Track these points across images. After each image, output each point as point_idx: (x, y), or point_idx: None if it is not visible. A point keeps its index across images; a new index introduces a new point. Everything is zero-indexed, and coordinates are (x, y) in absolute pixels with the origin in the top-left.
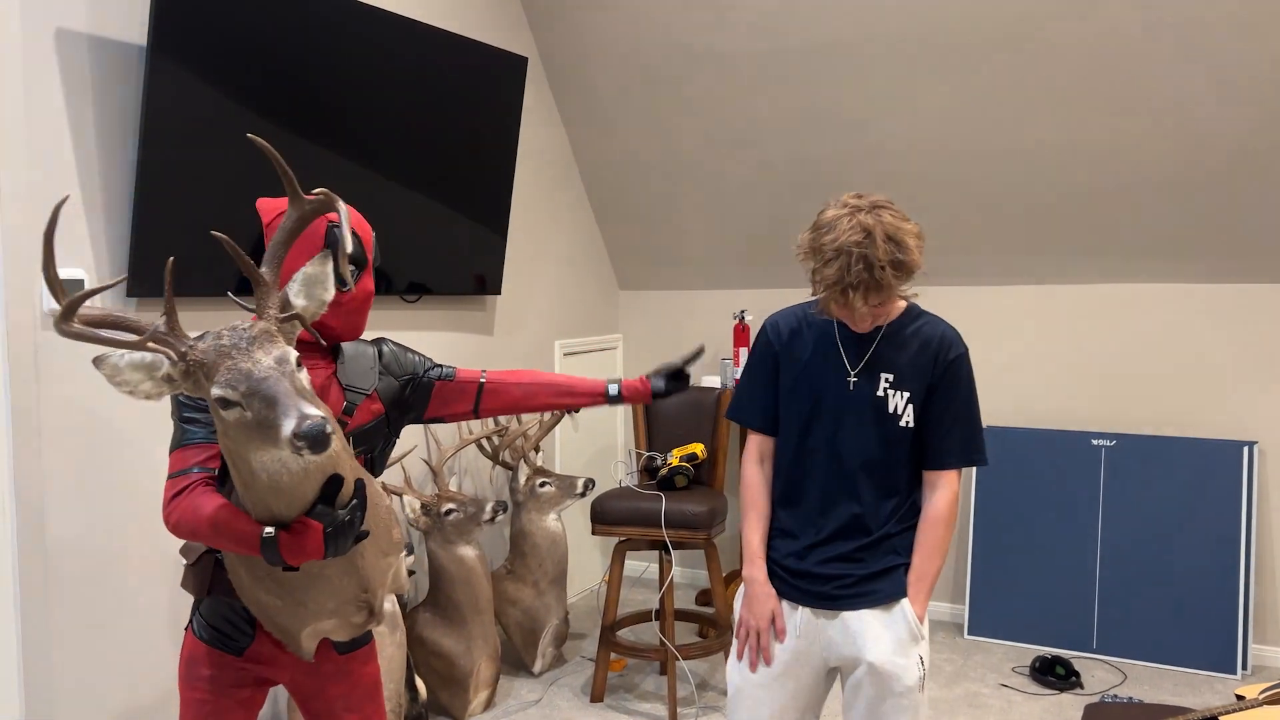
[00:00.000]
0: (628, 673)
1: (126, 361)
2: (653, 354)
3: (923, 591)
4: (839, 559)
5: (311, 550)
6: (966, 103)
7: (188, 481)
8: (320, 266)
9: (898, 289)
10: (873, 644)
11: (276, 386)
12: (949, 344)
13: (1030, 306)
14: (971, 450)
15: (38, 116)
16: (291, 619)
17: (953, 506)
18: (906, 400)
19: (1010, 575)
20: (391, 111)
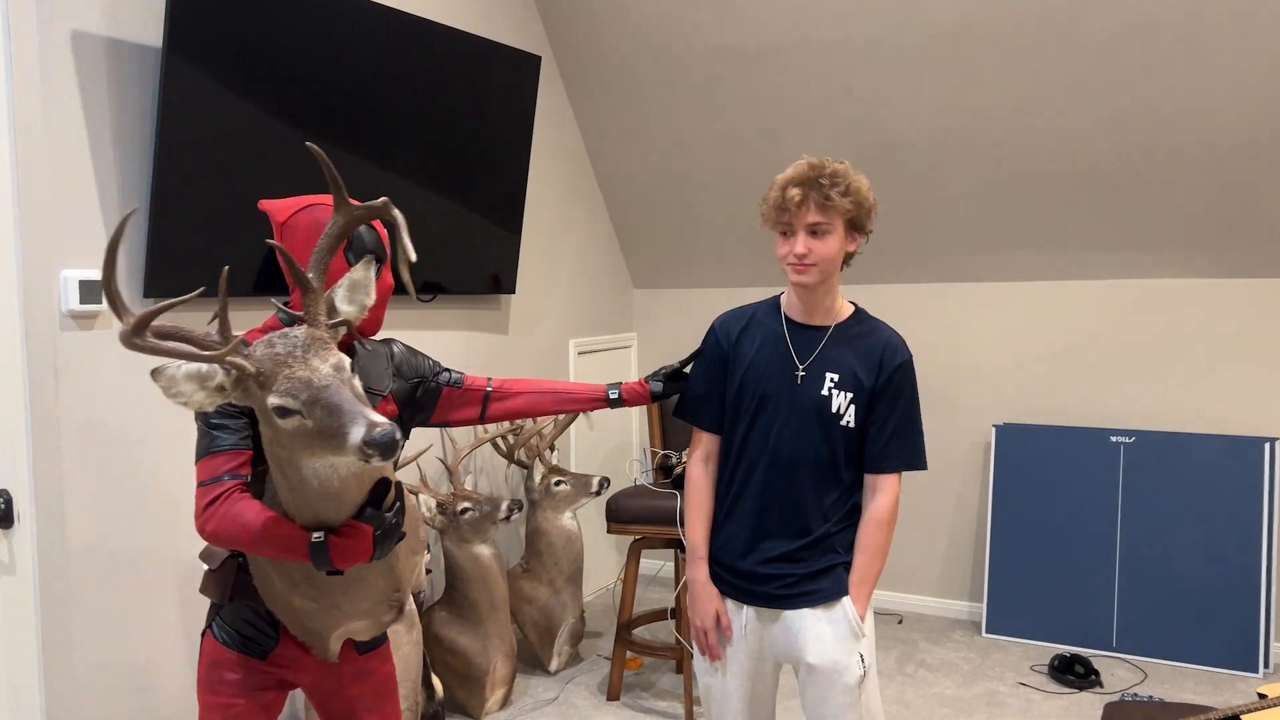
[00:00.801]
0: (644, 671)
1: (183, 373)
2: (667, 352)
3: (864, 593)
4: (780, 559)
5: (360, 553)
6: (987, 97)
7: (221, 489)
8: (364, 272)
9: (843, 218)
10: (814, 643)
11: (339, 394)
12: (894, 350)
13: (1048, 302)
14: (912, 455)
15: (55, 118)
16: (324, 622)
17: (893, 509)
18: (849, 401)
19: (1028, 573)
20: (406, 111)
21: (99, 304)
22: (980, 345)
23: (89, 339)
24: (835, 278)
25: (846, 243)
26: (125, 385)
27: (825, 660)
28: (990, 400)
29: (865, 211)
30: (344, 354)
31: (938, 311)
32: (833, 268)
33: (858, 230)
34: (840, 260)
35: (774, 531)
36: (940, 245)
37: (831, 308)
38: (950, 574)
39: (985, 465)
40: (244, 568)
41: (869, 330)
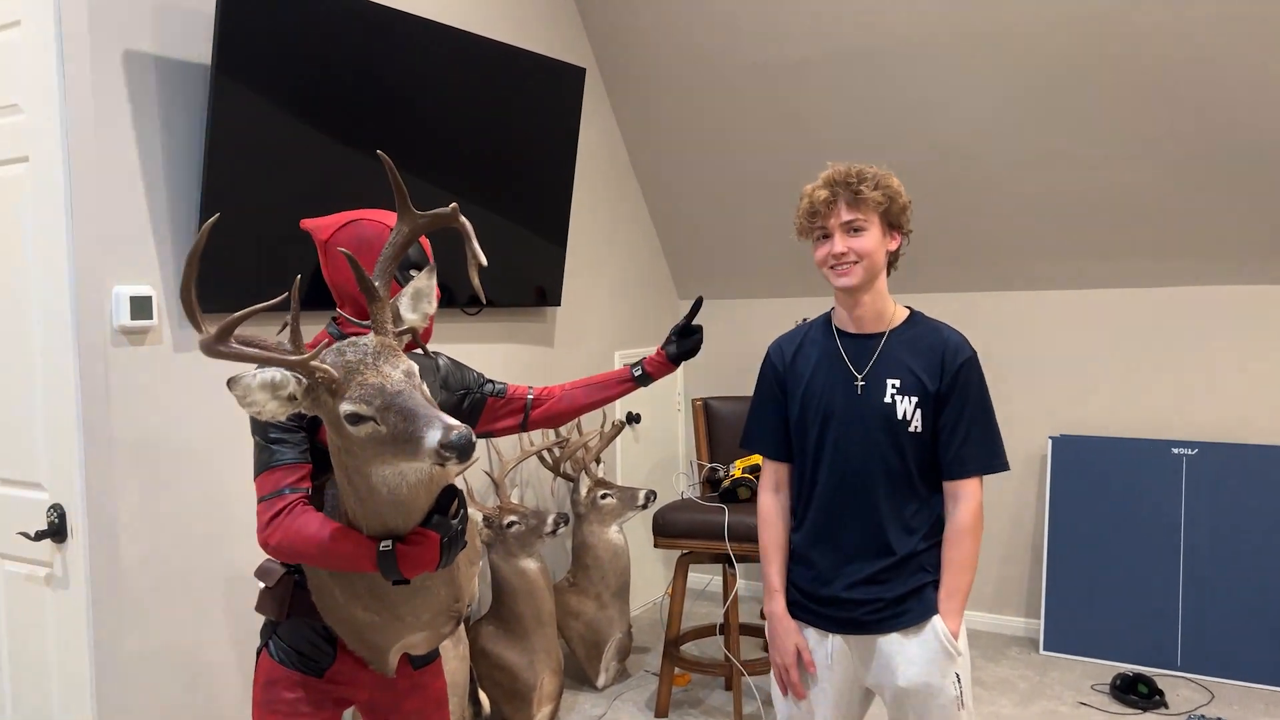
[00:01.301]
0: (692, 687)
1: (258, 382)
2: (713, 363)
3: (955, 608)
4: (865, 582)
5: (428, 561)
6: (1035, 102)
7: (284, 503)
8: (427, 281)
9: (878, 213)
10: (906, 667)
11: (412, 400)
12: (955, 348)
13: (1106, 310)
14: (990, 456)
15: (107, 137)
16: (385, 635)
17: (977, 517)
18: (915, 405)
19: (1088, 589)
20: (451, 124)
21: (150, 319)
22: (1035, 354)
23: (140, 354)
24: (882, 280)
25: (886, 241)
26: (176, 400)
27: (917, 683)
28: (1045, 411)
29: (900, 206)
30: (411, 361)
31: (991, 320)
32: (876, 267)
33: (895, 227)
34: (883, 260)
35: (855, 553)
36: (993, 252)
37: (883, 313)
38: (1006, 589)
39: (1041, 478)
40: (301, 584)
41: (928, 331)
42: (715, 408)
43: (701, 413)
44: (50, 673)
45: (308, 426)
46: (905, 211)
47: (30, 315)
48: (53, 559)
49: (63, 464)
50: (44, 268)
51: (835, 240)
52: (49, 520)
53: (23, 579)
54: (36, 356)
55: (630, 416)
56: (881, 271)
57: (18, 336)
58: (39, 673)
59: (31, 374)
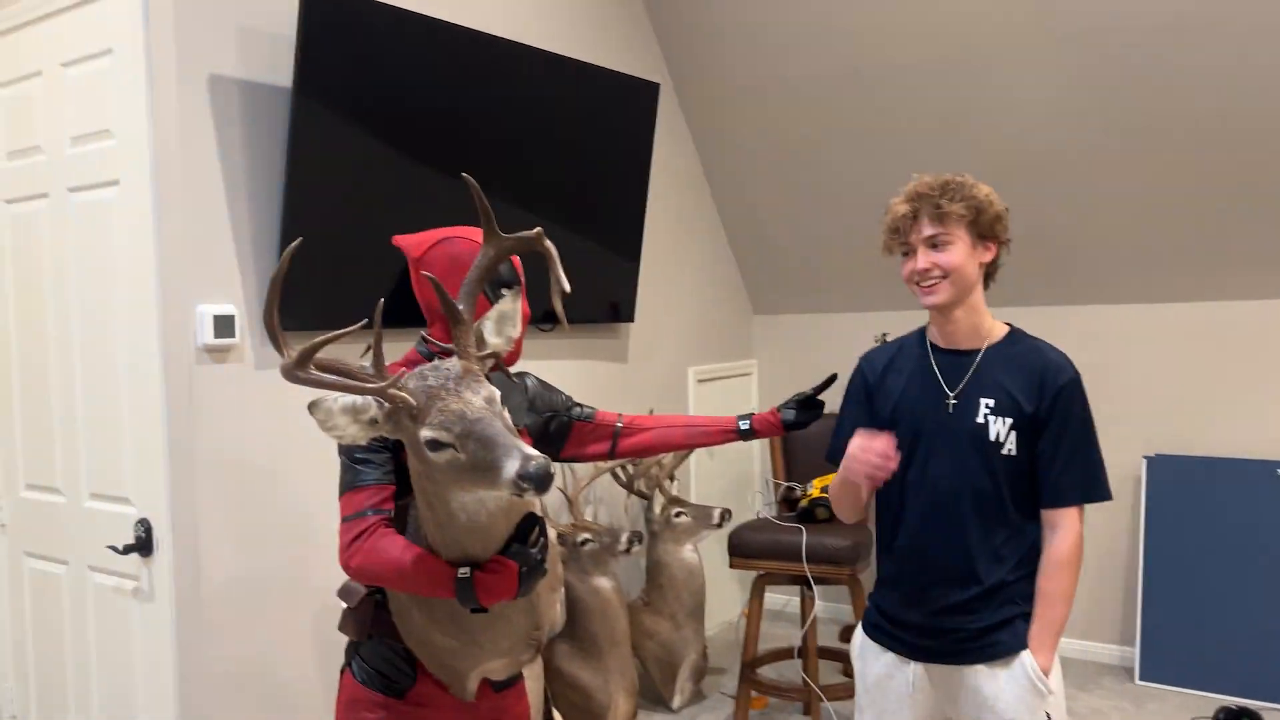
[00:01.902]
0: (769, 711)
1: (339, 406)
2: (788, 380)
3: (1047, 643)
4: (950, 610)
5: (506, 590)
6: (1130, 110)
7: (366, 524)
8: (512, 304)
9: (963, 225)
10: (991, 703)
11: (492, 427)
12: (1056, 369)
13: (1204, 324)
14: (1092, 484)
15: (192, 159)
16: (464, 660)
17: (1076, 548)
18: (1009, 427)
19: (1187, 616)
20: (526, 142)
21: (233, 337)
22: (1129, 371)
23: (223, 372)
24: (976, 294)
25: (977, 253)
26: (258, 417)
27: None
28: (1140, 430)
29: (990, 217)
30: (493, 386)
31: (1083, 335)
32: (965, 282)
33: (986, 238)
34: (974, 274)
35: (940, 578)
36: (1085, 265)
37: (979, 328)
38: (1098, 615)
39: (1136, 499)
40: (383, 605)
41: (1028, 350)
42: None
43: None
44: (135, 684)
45: (393, 446)
46: (999, 221)
47: (118, 334)
48: (139, 572)
49: (149, 479)
50: (131, 287)
51: (918, 256)
52: (136, 534)
53: (111, 591)
54: (123, 374)
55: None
56: (975, 286)
57: (106, 354)
58: (125, 683)
59: (119, 391)
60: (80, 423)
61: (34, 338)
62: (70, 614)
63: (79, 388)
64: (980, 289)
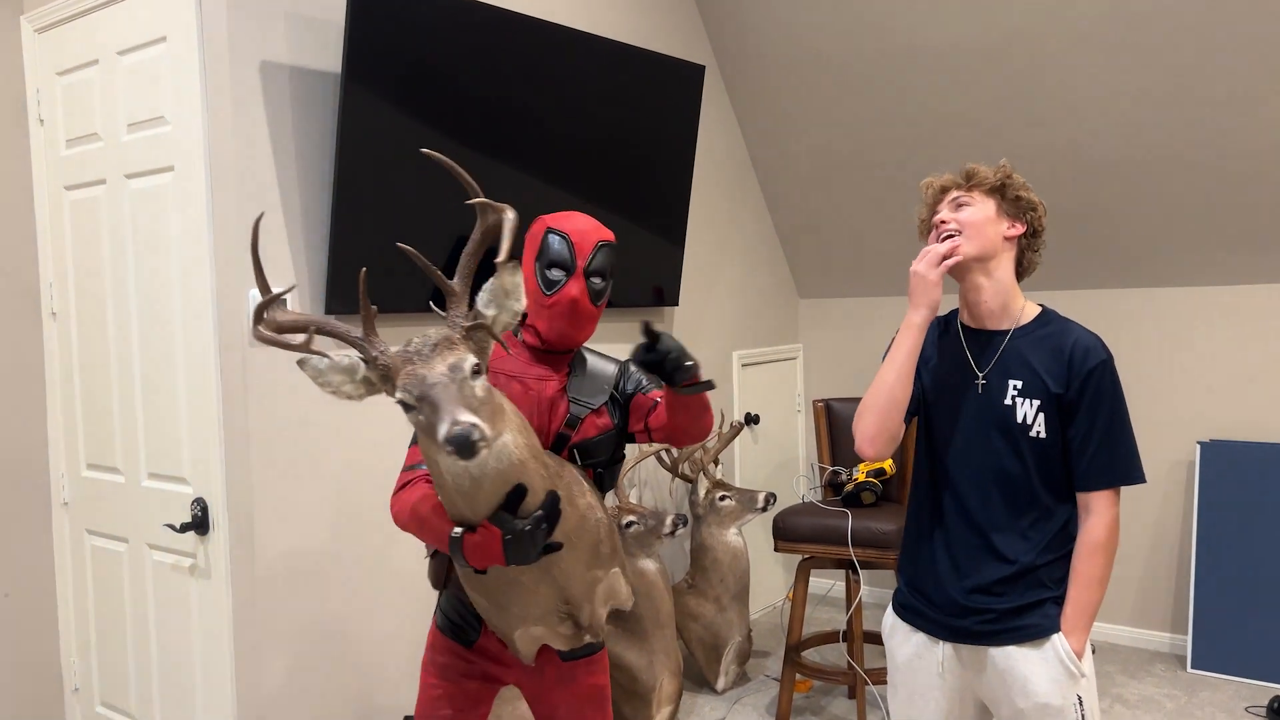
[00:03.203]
0: (814, 695)
1: (327, 365)
2: (834, 364)
3: (1080, 625)
4: (978, 591)
5: (490, 555)
6: (1182, 87)
7: (410, 478)
8: (511, 276)
9: (986, 190)
10: (1022, 685)
11: (442, 393)
12: (1086, 351)
13: (1261, 307)
14: (1126, 467)
15: (244, 145)
16: (500, 620)
17: (1110, 532)
18: (1037, 409)
19: (1241, 604)
20: (571, 125)
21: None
22: (1182, 355)
23: (276, 354)
24: (1004, 271)
25: (1001, 223)
26: (310, 399)
27: (1035, 703)
28: (1193, 415)
29: (1018, 193)
30: (470, 354)
31: (1136, 318)
32: (983, 240)
33: (1014, 216)
34: (994, 239)
35: (969, 559)
36: (1138, 247)
37: (1008, 309)
38: (1149, 602)
39: (1189, 485)
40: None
41: (1057, 331)
42: (836, 409)
43: (823, 414)
44: (194, 658)
45: None
46: (1033, 209)
47: (174, 317)
48: (196, 550)
49: (205, 459)
50: (187, 272)
51: (941, 212)
52: (193, 513)
53: (169, 568)
54: (180, 357)
55: (749, 417)
56: (997, 254)
57: (163, 338)
58: (183, 657)
59: (175, 374)
60: (138, 405)
61: (94, 322)
62: (130, 590)
63: (137, 371)
64: (1008, 265)
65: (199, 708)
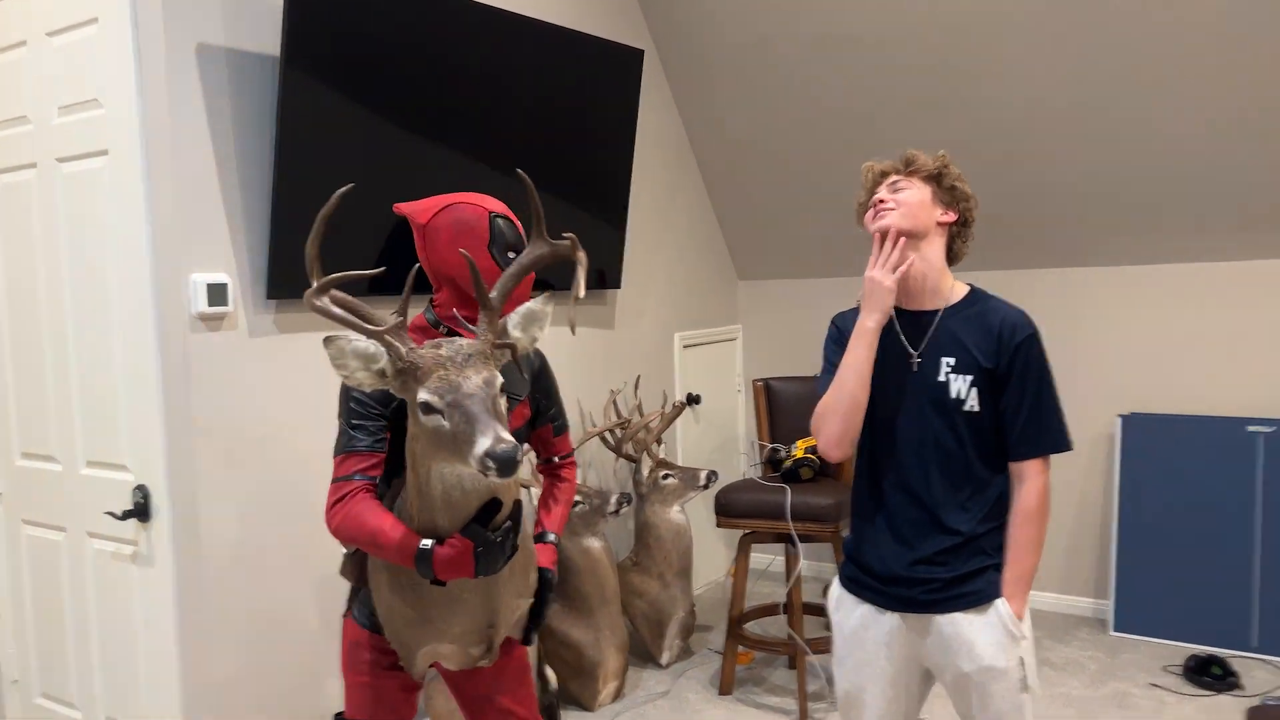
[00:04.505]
0: (756, 666)
1: (352, 348)
2: (773, 344)
3: (1020, 590)
4: (922, 562)
5: (462, 567)
6: (1111, 71)
7: (350, 489)
8: (543, 306)
9: (923, 176)
10: (967, 649)
11: (480, 405)
12: (1014, 326)
13: (1177, 285)
14: (1055, 436)
15: (181, 129)
16: (414, 634)
17: (1043, 499)
18: (970, 384)
19: (1159, 569)
20: (512, 109)
21: (226, 306)
22: (1104, 331)
23: (217, 340)
24: (934, 252)
25: (937, 211)
26: (253, 384)
27: (980, 666)
28: (1115, 389)
29: (952, 183)
30: (497, 373)
31: (1059, 297)
32: (916, 219)
33: (948, 204)
34: (927, 220)
35: (912, 532)
36: (1060, 228)
37: (939, 289)
38: (1074, 569)
39: (1110, 457)
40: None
41: (986, 309)
42: (776, 388)
43: (762, 393)
44: (137, 646)
45: (390, 416)
46: (966, 199)
47: (112, 303)
48: (138, 537)
49: (146, 446)
50: (124, 257)
51: (879, 192)
52: (134, 500)
53: (110, 557)
54: (118, 343)
55: (691, 398)
56: (929, 234)
57: (100, 324)
58: (127, 647)
59: (114, 360)
60: (75, 392)
61: (26, 308)
62: (69, 579)
63: (73, 357)
64: (939, 248)
65: (143, 697)
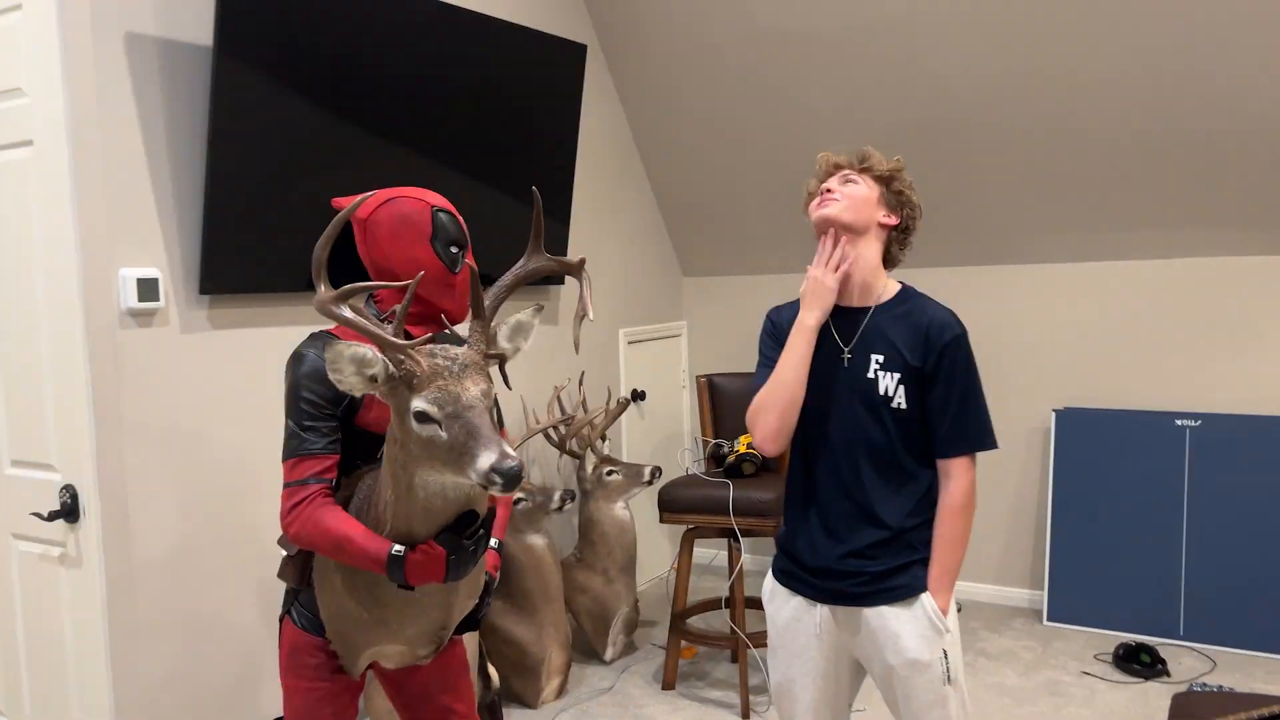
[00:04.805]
0: (699, 660)
1: (350, 354)
2: (717, 340)
3: (945, 585)
4: (853, 555)
5: (434, 573)
6: (1044, 75)
7: (308, 493)
8: (530, 317)
9: (874, 177)
10: (892, 642)
11: (480, 418)
12: (942, 326)
13: (1110, 283)
14: (980, 435)
15: (110, 119)
16: (365, 635)
17: (968, 495)
18: (897, 382)
19: (1091, 560)
20: (453, 103)
21: (157, 301)
22: (1039, 328)
23: (149, 336)
24: (871, 251)
25: (881, 208)
26: (185, 380)
27: (905, 659)
28: (1049, 385)
29: (901, 189)
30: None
31: (995, 294)
32: (860, 215)
33: (893, 208)
34: (871, 217)
35: (842, 525)
36: (997, 227)
37: (873, 287)
38: (1010, 562)
39: (1045, 451)
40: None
41: (915, 309)
42: (719, 384)
43: (705, 389)
44: (66, 649)
45: (341, 417)
46: (910, 206)
47: (38, 299)
48: (66, 539)
49: (74, 445)
50: (50, 251)
51: (829, 183)
52: (61, 501)
53: (36, 559)
54: (45, 340)
55: (635, 394)
56: (869, 231)
57: (27, 320)
58: (55, 649)
59: (41, 357)
60: (0, 390)
61: None
62: None
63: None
64: (877, 247)
65: (73, 701)
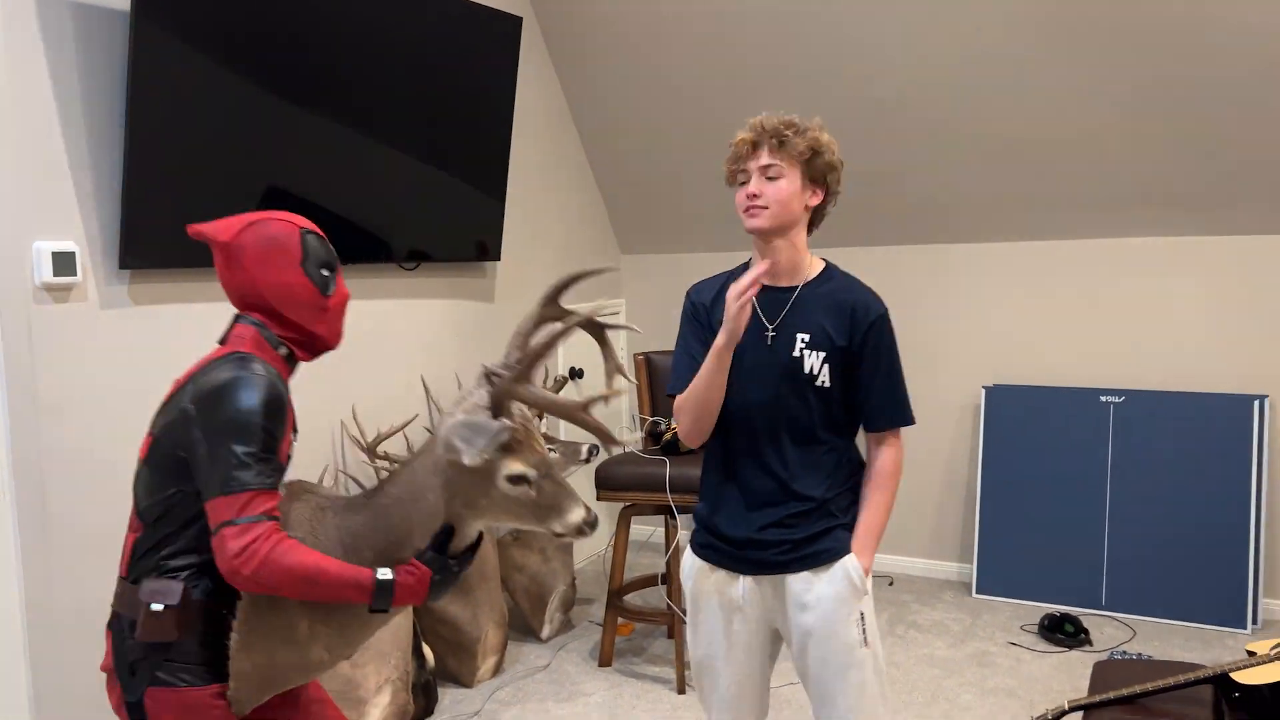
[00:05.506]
0: (635, 637)
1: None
2: (655, 318)
3: (869, 545)
4: (774, 525)
5: (418, 594)
6: (976, 54)
7: (261, 530)
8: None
9: (798, 163)
10: (812, 606)
11: (562, 478)
12: (865, 307)
13: (1036, 262)
14: (904, 410)
15: (21, 86)
16: (297, 676)
17: (898, 464)
18: (822, 361)
19: (1018, 534)
20: (384, 76)
21: (74, 276)
22: (968, 306)
23: (65, 312)
24: (799, 234)
25: (806, 195)
26: (103, 357)
27: (822, 621)
28: (979, 362)
29: (825, 163)
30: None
31: (925, 273)
32: (788, 215)
33: (817, 183)
34: (797, 210)
35: (764, 498)
36: (927, 206)
37: (799, 266)
38: (940, 536)
39: (975, 426)
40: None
41: (839, 288)
42: (657, 362)
43: (643, 367)
44: None
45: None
46: (834, 171)
47: None
48: None
49: None
50: None
51: (752, 182)
52: None
53: None
54: None
55: (573, 372)
56: (797, 223)
57: None
58: None
59: None
60: None
61: None
62: None
63: None
64: (804, 229)
65: None
